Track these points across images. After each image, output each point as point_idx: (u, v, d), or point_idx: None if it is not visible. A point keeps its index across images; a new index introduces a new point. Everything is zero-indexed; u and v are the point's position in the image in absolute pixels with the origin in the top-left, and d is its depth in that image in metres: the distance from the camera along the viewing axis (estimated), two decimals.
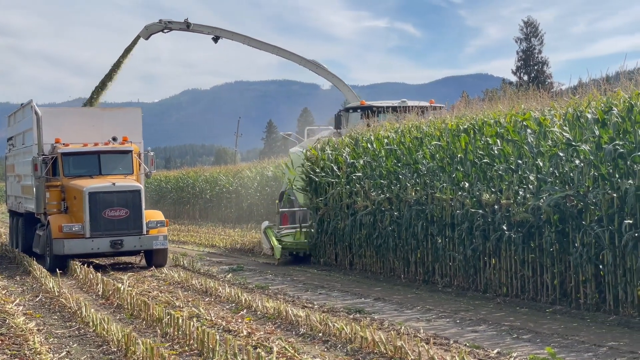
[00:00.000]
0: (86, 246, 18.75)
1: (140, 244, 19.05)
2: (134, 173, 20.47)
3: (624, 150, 11.05)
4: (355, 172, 18.20)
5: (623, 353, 8.82)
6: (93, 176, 19.91)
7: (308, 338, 10.04)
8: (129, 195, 18.98)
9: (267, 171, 40.74)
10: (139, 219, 18.97)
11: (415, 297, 13.79)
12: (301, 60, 28.78)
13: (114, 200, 18.84)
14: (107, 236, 18.71)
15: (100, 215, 18.70)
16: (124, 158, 20.55)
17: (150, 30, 30.57)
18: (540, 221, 12.52)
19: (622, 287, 11.15)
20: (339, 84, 28.19)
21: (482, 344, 9.43)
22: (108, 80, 30.63)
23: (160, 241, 19.20)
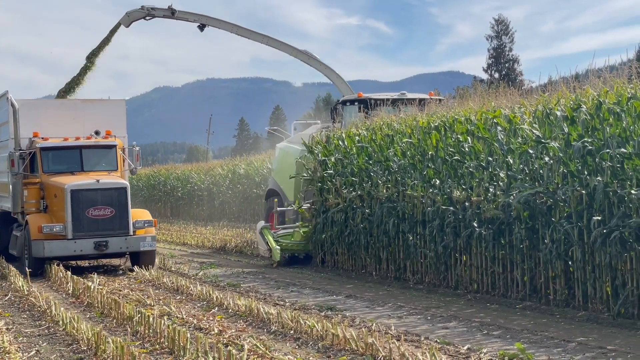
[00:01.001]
0: (68, 248, 17.43)
1: (126, 246, 17.78)
2: (118, 169, 19.26)
3: (592, 148, 11.14)
4: (326, 170, 18.21)
5: (592, 348, 8.90)
6: (74, 173, 18.67)
7: (279, 335, 10.03)
8: (114, 193, 17.71)
9: (239, 169, 40.69)
10: (125, 218, 17.71)
11: (387, 294, 13.83)
12: (292, 51, 27.51)
13: (98, 198, 17.57)
14: (91, 237, 17.43)
15: (84, 215, 17.43)
16: (108, 153, 19.33)
17: (132, 17, 29.25)
18: (510, 218, 12.60)
19: (591, 283, 11.26)
20: (331, 76, 27.03)
21: (452, 340, 9.48)
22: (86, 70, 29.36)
23: (148, 242, 17.93)
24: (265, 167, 37.71)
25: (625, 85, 11.49)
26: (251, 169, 39.26)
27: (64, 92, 28.97)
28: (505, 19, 75.64)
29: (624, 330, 9.92)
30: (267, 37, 28.31)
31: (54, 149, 18.96)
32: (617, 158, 10.80)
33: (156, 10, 29.04)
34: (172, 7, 28.86)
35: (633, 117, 10.75)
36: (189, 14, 29.56)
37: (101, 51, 29.76)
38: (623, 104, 11.02)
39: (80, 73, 29.35)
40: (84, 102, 21.85)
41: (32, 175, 18.92)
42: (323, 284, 15.39)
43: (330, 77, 26.98)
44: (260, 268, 18.45)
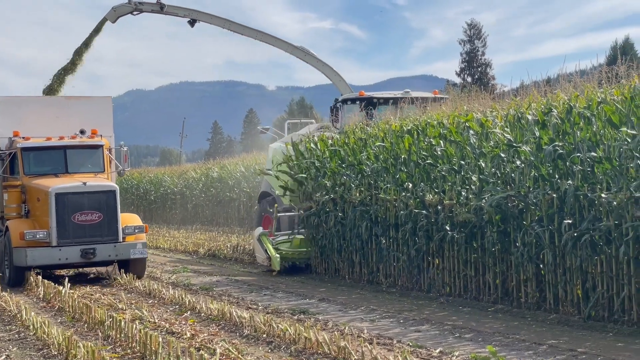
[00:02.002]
0: (53, 256, 16.09)
1: (115, 253, 16.47)
2: (105, 171, 17.96)
3: (563, 151, 11.23)
4: (300, 173, 18.20)
5: (562, 351, 8.96)
6: (58, 175, 17.35)
7: (252, 339, 10.01)
8: (103, 196, 16.46)
9: (213, 172, 40.58)
10: (114, 224, 16.45)
11: (360, 297, 13.84)
12: (287, 47, 25.92)
13: (85, 202, 16.30)
14: (77, 244, 16.13)
15: (69, 220, 16.14)
16: (94, 154, 18.02)
17: (119, 12, 27.67)
18: (482, 221, 12.66)
19: (562, 286, 11.34)
20: (329, 73, 25.36)
21: (425, 343, 9.50)
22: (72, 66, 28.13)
23: (139, 250, 16.64)
24: (238, 171, 37.66)
25: (596, 89, 11.59)
26: (224, 172, 39.16)
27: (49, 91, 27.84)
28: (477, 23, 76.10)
29: (594, 332, 10.00)
30: (261, 32, 26.78)
31: (36, 149, 17.68)
32: (588, 162, 10.89)
33: (144, 5, 27.45)
34: (161, 2, 27.25)
35: (603, 121, 10.85)
36: (179, 8, 27.81)
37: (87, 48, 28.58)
38: (593, 108, 11.11)
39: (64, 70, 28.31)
40: (67, 99, 20.62)
41: (12, 177, 17.77)
42: (296, 287, 15.37)
43: (328, 75, 25.52)
44: (233, 272, 18.40)
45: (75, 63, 28.60)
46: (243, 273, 18.16)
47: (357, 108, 19.66)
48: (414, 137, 14.60)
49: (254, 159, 36.44)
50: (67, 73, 28.36)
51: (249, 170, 36.70)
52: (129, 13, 27.76)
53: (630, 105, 10.49)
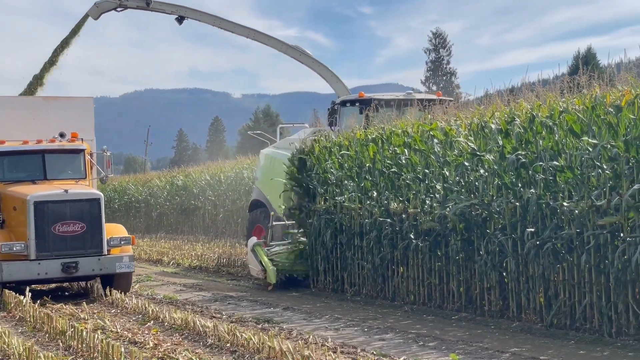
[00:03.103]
0: (31, 271, 14.71)
1: (100, 267, 15.08)
2: (86, 177, 16.67)
3: (526, 160, 11.32)
4: None
5: (525, 359, 9.02)
6: (36, 181, 16.04)
7: (216, 349, 9.95)
8: (86, 205, 15.14)
9: (178, 180, 40.38)
10: (98, 235, 15.12)
11: (324, 306, 13.83)
12: (281, 46, 24.33)
13: (66, 211, 14.95)
14: (58, 257, 14.77)
15: (49, 231, 14.79)
16: (75, 159, 16.70)
17: (101, 8, 26.17)
18: (446, 230, 12.71)
19: (525, 293, 11.41)
20: (325, 74, 23.78)
21: (389, 352, 9.51)
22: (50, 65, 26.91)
23: (125, 263, 15.28)
24: (203, 179, 37.52)
25: (558, 99, 11.70)
26: (189, 180, 38.99)
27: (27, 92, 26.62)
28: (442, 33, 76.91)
29: (556, 340, 10.07)
30: (254, 30, 25.09)
31: (11, 154, 16.32)
32: (550, 171, 10.98)
33: (129, 1, 25.77)
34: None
35: (565, 130, 10.95)
36: (166, 4, 26.15)
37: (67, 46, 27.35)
38: (555, 117, 11.22)
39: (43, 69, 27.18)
40: (46, 99, 19.24)
41: None
42: (260, 296, 15.32)
43: (324, 76, 23.92)
44: (199, 280, 18.30)
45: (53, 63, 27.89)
46: (207, 282, 18.06)
47: (356, 110, 18.74)
48: (378, 145, 14.64)
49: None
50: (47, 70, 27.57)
51: (214, 179, 36.61)
52: (113, 9, 26.29)
53: (592, 115, 10.60)
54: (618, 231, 9.98)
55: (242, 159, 39.03)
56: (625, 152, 9.88)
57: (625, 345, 9.54)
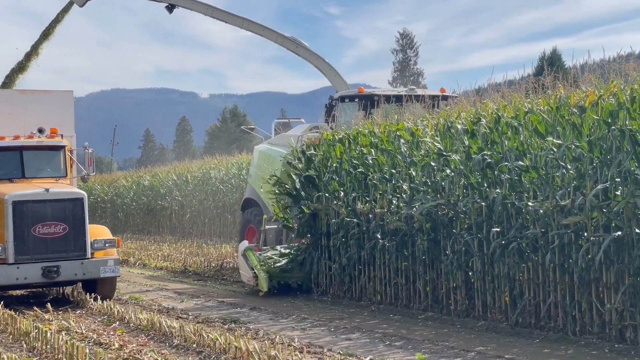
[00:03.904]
0: (9, 275, 13.66)
1: (83, 272, 14.10)
2: (67, 176, 15.65)
3: (491, 160, 11.40)
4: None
5: (490, 358, 9.08)
6: (14, 180, 14.97)
7: (182, 349, 9.90)
8: (69, 205, 14.21)
9: (144, 180, 40.16)
10: (81, 237, 14.18)
11: (291, 306, 13.81)
12: (277, 37, 22.57)
13: (47, 212, 14.01)
14: (38, 261, 13.79)
15: (29, 233, 13.82)
16: (54, 156, 15.62)
17: None
18: (413, 229, 12.76)
19: (490, 293, 11.49)
20: (323, 68, 22.28)
21: (355, 351, 9.53)
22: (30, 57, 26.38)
23: (110, 267, 14.30)
24: (170, 179, 37.35)
25: (523, 100, 11.80)
26: (156, 180, 38.79)
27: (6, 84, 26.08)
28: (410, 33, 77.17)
29: (521, 339, 10.15)
30: (248, 20, 23.39)
31: None
32: (515, 171, 11.07)
33: None
34: None
35: (530, 131, 11.04)
36: None
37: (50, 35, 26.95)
38: (520, 118, 11.31)
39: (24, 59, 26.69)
40: (23, 92, 18.19)
41: None
42: (227, 296, 15.27)
43: (322, 69, 22.49)
44: (164, 281, 18.20)
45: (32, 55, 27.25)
46: (173, 282, 17.97)
47: (355, 106, 17.78)
48: (345, 145, 14.66)
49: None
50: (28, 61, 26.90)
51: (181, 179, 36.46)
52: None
53: (556, 115, 10.70)
54: (582, 231, 10.08)
55: (209, 159, 38.92)
56: (589, 152, 9.98)
57: (589, 344, 9.64)
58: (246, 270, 15.54)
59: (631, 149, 9.40)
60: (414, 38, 77.64)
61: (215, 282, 17.67)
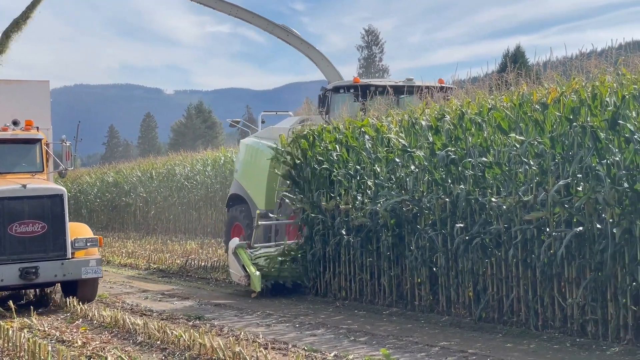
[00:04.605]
0: None
1: (63, 273, 13.24)
2: (44, 171, 14.74)
3: (455, 156, 11.46)
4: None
5: (454, 352, 9.14)
6: None
7: (145, 346, 9.86)
8: (47, 202, 13.36)
9: (108, 177, 39.85)
10: (61, 236, 13.36)
11: (256, 302, 13.78)
12: (267, 25, 21.43)
13: (24, 209, 13.15)
14: (16, 262, 12.93)
15: (5, 232, 13.03)
16: (30, 150, 14.71)
17: None
18: (377, 225, 12.80)
19: (454, 288, 11.56)
20: (315, 57, 21.20)
21: (320, 347, 9.54)
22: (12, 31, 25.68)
23: (92, 268, 13.43)
24: (134, 175, 37.11)
25: (486, 96, 11.88)
26: (120, 177, 38.52)
27: None
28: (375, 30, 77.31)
29: (484, 334, 10.23)
30: (236, 6, 22.29)
31: None
32: (479, 167, 11.15)
33: None
34: None
35: (493, 127, 11.12)
36: None
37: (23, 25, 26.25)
38: (484, 114, 11.38)
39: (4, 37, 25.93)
40: None
41: None
42: (192, 292, 15.22)
43: (314, 59, 21.42)
44: (128, 278, 18.09)
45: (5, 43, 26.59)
46: (139, 279, 17.87)
47: (350, 97, 16.83)
48: (309, 141, 14.65)
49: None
50: None
51: (145, 175, 36.23)
52: None
53: (519, 112, 10.79)
54: (544, 226, 10.18)
55: (174, 155, 38.74)
56: (551, 148, 10.08)
57: (551, 338, 9.74)
58: (237, 269, 14.67)
59: (592, 145, 9.51)
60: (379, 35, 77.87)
61: (180, 279, 17.59)
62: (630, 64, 10.10)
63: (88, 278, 13.55)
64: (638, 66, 9.88)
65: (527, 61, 34.92)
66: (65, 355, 8.35)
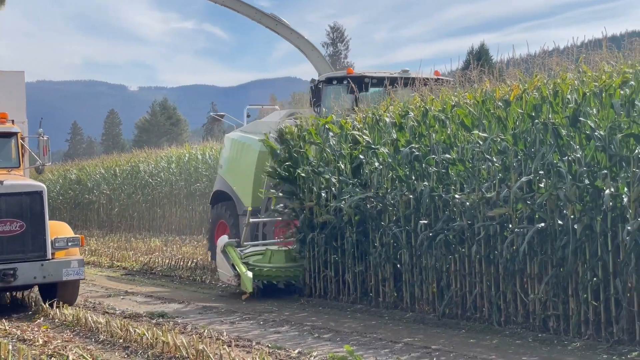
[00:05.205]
0: None
1: (43, 275, 12.34)
2: (20, 166, 13.91)
3: (419, 153, 11.50)
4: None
5: (417, 348, 9.16)
6: None
7: (108, 345, 9.77)
8: (26, 199, 12.46)
9: (71, 174, 39.50)
10: (41, 235, 12.49)
11: (220, 299, 13.73)
12: (255, 14, 20.37)
13: (1, 207, 12.33)
14: None
15: None
16: (5, 144, 13.85)
17: None
18: (342, 222, 12.80)
19: (418, 285, 11.60)
20: (305, 48, 20.24)
21: (284, 344, 9.52)
22: None
23: (74, 269, 12.53)
24: (98, 173, 36.81)
25: (450, 93, 11.93)
26: (83, 174, 38.19)
27: None
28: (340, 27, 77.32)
29: (448, 329, 10.28)
30: None
31: None
32: (443, 163, 11.19)
33: None
34: None
35: (457, 124, 11.18)
36: None
37: None
38: (448, 111, 11.43)
39: None
40: None
41: None
42: (156, 290, 15.12)
43: (304, 50, 20.50)
44: (90, 276, 17.93)
45: None
46: (102, 277, 17.72)
47: (344, 89, 15.86)
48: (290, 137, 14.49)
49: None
50: None
51: (109, 172, 35.96)
52: None
53: (482, 109, 10.85)
54: (507, 222, 10.24)
55: (138, 152, 38.48)
56: (514, 145, 10.15)
57: (513, 334, 9.81)
58: (226, 269, 13.79)
59: (554, 142, 9.58)
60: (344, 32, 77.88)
61: (144, 277, 17.48)
62: (591, 61, 10.20)
63: (69, 280, 12.67)
64: (599, 64, 9.97)
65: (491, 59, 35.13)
66: (26, 355, 8.26)
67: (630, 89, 9.04)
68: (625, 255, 8.77)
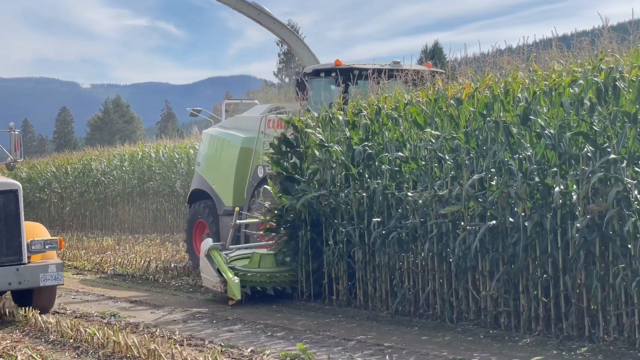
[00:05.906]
0: None
1: (18, 280, 11.21)
2: None
3: (372, 151, 11.53)
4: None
5: (370, 346, 9.18)
6: None
7: (58, 345, 9.64)
8: (0, 199, 11.45)
9: (21, 172, 38.85)
10: (15, 238, 11.40)
11: (173, 298, 13.63)
12: (236, 3, 18.61)
13: None
14: None
15: None
16: None
17: None
18: (296, 220, 12.77)
19: (372, 282, 11.64)
20: (290, 39, 19.35)
21: (237, 343, 9.48)
22: None
23: (52, 274, 11.45)
24: (49, 171, 36.32)
25: (403, 92, 11.98)
26: (34, 172, 37.65)
27: None
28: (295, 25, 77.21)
29: (400, 327, 10.32)
30: None
31: None
32: (395, 161, 11.24)
33: None
34: None
35: (409, 122, 11.23)
36: None
37: None
38: (400, 109, 11.48)
39: None
40: None
41: None
42: (107, 289, 14.96)
43: (288, 41, 19.65)
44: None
45: None
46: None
47: (332, 82, 14.99)
48: None
49: None
50: None
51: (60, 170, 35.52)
52: None
53: (434, 107, 10.91)
54: (459, 220, 10.31)
55: (90, 150, 38.05)
56: (466, 143, 10.22)
57: (465, 330, 9.88)
58: (211, 274, 12.82)
59: (505, 140, 9.67)
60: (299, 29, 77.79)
61: (95, 276, 17.29)
62: (542, 60, 10.30)
63: (47, 286, 11.65)
64: (549, 63, 10.08)
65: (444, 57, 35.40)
66: None
67: (579, 87, 9.15)
68: (575, 252, 8.89)
